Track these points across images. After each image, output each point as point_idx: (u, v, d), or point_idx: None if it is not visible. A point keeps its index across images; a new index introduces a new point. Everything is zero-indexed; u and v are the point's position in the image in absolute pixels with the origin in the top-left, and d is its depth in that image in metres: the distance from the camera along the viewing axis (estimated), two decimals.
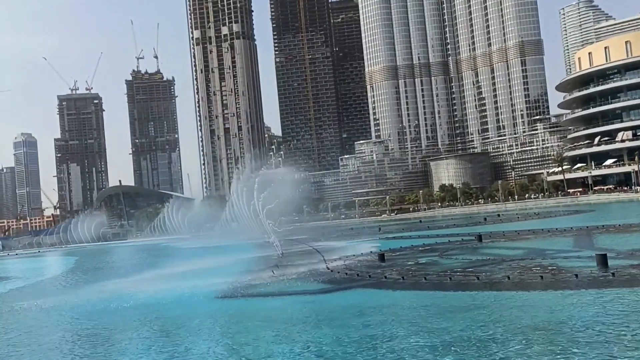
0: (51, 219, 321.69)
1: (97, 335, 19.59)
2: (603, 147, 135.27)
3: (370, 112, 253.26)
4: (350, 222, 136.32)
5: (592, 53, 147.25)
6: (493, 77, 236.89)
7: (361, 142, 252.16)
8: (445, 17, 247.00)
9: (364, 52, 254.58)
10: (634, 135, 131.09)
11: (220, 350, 15.79)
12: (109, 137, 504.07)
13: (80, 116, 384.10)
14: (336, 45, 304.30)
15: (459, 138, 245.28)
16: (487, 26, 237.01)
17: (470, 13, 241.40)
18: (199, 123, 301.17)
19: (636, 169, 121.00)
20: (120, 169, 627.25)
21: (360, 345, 14.62)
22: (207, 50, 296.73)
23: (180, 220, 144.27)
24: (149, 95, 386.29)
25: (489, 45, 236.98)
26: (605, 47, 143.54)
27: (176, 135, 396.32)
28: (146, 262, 62.27)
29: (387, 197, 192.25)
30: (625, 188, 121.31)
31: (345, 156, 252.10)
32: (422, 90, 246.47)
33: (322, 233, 72.13)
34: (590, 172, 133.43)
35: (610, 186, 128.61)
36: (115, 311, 24.54)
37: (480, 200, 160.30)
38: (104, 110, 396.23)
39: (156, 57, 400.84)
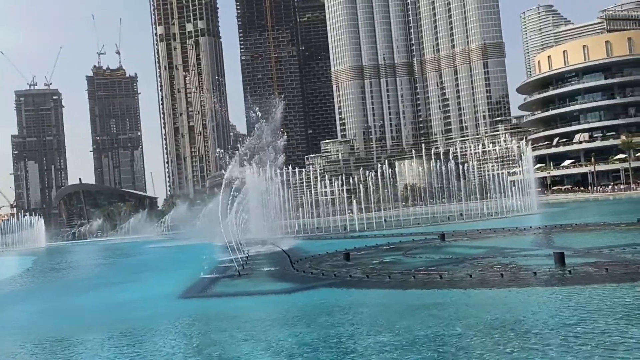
0: (7, 218, 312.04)
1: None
2: (561, 148, 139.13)
3: (336, 111, 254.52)
4: (316, 220, 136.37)
5: (551, 57, 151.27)
6: (456, 79, 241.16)
7: (327, 141, 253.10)
8: (410, 18, 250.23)
9: (330, 51, 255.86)
10: (591, 137, 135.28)
11: (184, 352, 15.64)
12: (68, 134, 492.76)
13: (38, 112, 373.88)
14: (302, 44, 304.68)
15: (423, 138, 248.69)
16: (451, 28, 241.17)
17: (434, 15, 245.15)
18: (162, 121, 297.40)
19: (592, 169, 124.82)
20: (80, 167, 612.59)
21: (325, 344, 14.70)
22: (171, 47, 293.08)
23: (144, 220, 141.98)
24: (111, 92, 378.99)
25: (453, 47, 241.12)
26: (564, 51, 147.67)
27: (139, 133, 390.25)
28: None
29: (353, 196, 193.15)
30: (582, 188, 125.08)
31: (311, 155, 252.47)
32: (387, 90, 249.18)
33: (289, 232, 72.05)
34: (549, 173, 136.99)
35: (568, 186, 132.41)
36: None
37: (443, 200, 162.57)
38: (63, 107, 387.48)
39: (118, 52, 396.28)
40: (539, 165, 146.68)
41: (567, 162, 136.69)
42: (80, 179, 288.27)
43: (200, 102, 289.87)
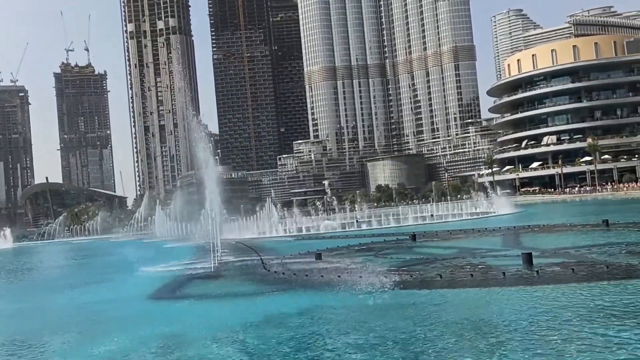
0: None
1: None
2: (530, 151, 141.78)
3: (309, 112, 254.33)
4: (288, 221, 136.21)
5: (520, 60, 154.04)
6: (428, 81, 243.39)
7: (299, 141, 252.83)
8: (383, 20, 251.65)
9: (303, 52, 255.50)
10: (558, 139, 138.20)
11: (151, 352, 15.45)
12: (35, 132, 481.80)
13: (4, 109, 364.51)
14: (275, 43, 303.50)
15: (395, 139, 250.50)
16: (423, 31, 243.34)
17: (406, 17, 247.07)
18: (132, 119, 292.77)
19: (560, 171, 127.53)
20: (47, 165, 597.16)
21: (296, 346, 14.70)
22: (141, 45, 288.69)
23: (112, 220, 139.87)
24: (79, 90, 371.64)
25: (425, 49, 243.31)
26: (533, 55, 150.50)
27: (108, 132, 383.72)
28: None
29: (325, 196, 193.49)
30: (550, 190, 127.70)
31: (284, 155, 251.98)
32: (360, 91, 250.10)
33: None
34: (518, 175, 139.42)
35: (536, 188, 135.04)
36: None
37: (415, 201, 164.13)
38: (30, 104, 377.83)
39: (87, 49, 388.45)
40: (508, 167, 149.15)
41: (535, 164, 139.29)
42: (47, 178, 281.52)
43: (171, 101, 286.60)
